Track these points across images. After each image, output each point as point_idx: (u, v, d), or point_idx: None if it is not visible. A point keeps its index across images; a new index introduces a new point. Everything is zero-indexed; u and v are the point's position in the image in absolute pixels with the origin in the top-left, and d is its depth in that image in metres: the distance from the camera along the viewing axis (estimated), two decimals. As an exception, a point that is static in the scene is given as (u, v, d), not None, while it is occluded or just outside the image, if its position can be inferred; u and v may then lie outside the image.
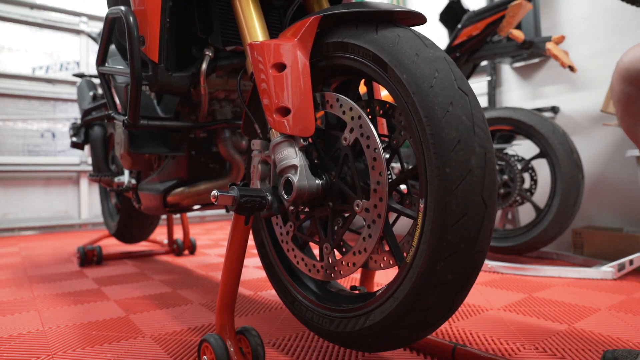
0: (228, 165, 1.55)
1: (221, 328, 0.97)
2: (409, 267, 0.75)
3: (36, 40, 4.23)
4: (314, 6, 1.10)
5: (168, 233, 2.68)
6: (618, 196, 2.42)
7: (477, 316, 1.37)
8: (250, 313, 1.43)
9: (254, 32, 1.00)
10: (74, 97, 4.25)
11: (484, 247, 0.73)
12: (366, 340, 0.84)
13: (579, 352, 1.07)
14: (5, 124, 4.05)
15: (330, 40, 0.89)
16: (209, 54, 1.21)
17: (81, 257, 2.30)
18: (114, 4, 1.41)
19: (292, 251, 1.01)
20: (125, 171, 1.95)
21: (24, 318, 1.41)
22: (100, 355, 1.09)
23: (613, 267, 1.87)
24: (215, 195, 0.84)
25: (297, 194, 0.86)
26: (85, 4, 4.43)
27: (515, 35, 2.15)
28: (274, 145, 0.91)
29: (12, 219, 4.00)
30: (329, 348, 1.11)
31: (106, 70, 1.40)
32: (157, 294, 1.70)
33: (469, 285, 0.75)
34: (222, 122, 1.40)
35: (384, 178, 0.78)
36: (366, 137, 0.81)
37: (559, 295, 1.62)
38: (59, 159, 4.24)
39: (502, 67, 3.02)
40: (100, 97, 2.20)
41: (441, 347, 1.04)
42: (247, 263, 2.31)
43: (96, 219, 4.29)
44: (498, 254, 2.41)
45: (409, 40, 0.78)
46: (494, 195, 0.72)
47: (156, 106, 1.45)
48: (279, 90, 0.87)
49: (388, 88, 0.79)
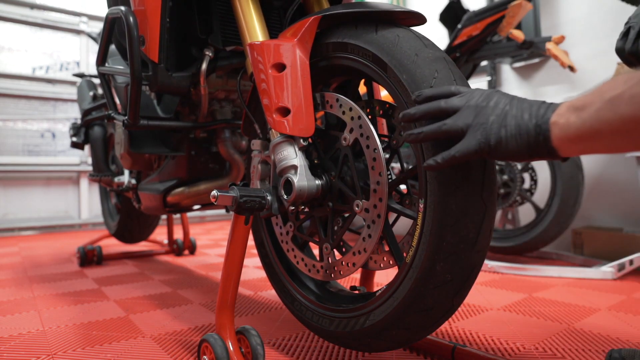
0: (228, 165, 1.55)
1: (221, 328, 0.97)
2: (409, 267, 0.75)
3: (36, 40, 4.23)
4: (314, 6, 1.10)
5: (168, 233, 2.68)
6: (618, 196, 2.42)
7: (477, 316, 1.37)
8: (250, 313, 1.43)
9: (253, 32, 1.00)
10: (74, 97, 4.25)
11: (483, 247, 0.73)
12: (366, 340, 0.84)
13: (579, 352, 1.07)
14: (5, 124, 4.06)
15: (330, 41, 0.89)
16: (208, 54, 1.21)
17: (81, 257, 2.30)
18: (114, 4, 1.41)
19: (292, 251, 1.01)
20: (125, 171, 1.95)
21: (24, 318, 1.41)
22: (100, 355, 1.09)
23: (613, 267, 1.87)
24: (215, 196, 0.84)
25: (296, 194, 0.86)
26: (85, 4, 4.43)
27: (515, 35, 2.15)
28: (273, 146, 0.91)
29: (12, 219, 4.00)
30: (329, 348, 1.11)
31: (106, 70, 1.40)
32: (157, 294, 1.70)
33: (468, 286, 0.75)
34: (222, 122, 1.40)
35: (384, 178, 0.78)
36: (366, 137, 0.81)
37: (559, 295, 1.62)
38: (59, 159, 4.24)
39: (502, 67, 3.02)
40: (100, 97, 2.20)
41: (441, 347, 1.04)
42: (247, 263, 2.31)
43: (96, 219, 4.29)
44: (498, 254, 2.41)
45: (408, 41, 0.78)
46: (493, 196, 0.72)
47: (156, 106, 1.45)
48: (279, 91, 0.87)
49: (388, 88, 0.79)
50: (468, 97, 0.66)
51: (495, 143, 0.62)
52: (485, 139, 0.62)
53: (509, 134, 0.61)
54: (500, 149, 0.62)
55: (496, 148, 0.62)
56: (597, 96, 0.54)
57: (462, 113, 0.65)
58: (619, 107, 0.51)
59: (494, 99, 0.65)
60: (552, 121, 0.58)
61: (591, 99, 0.55)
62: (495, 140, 0.62)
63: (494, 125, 0.62)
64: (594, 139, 0.54)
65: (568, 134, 0.56)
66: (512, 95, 0.66)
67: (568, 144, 0.57)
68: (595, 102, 0.54)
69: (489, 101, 0.65)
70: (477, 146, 0.63)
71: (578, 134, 0.55)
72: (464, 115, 0.65)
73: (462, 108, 0.66)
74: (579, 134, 0.55)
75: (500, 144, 0.61)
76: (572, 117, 0.56)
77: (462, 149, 0.64)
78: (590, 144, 0.55)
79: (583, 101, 0.56)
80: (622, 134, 0.52)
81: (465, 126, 0.64)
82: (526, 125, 0.60)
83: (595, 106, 0.54)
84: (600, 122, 0.53)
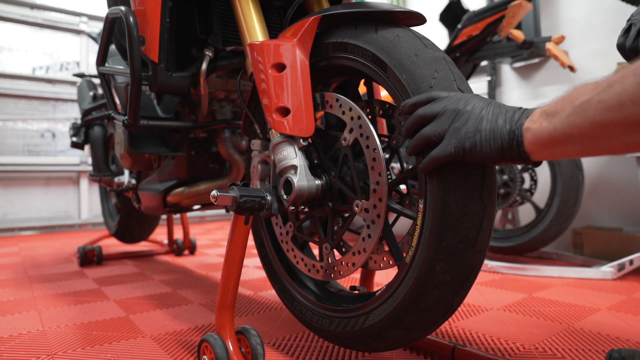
0: (228, 165, 1.55)
1: (221, 328, 0.97)
2: (409, 268, 0.75)
3: (36, 40, 4.23)
4: (314, 6, 1.10)
5: (168, 233, 2.68)
6: (618, 196, 2.42)
7: (477, 316, 1.37)
8: (250, 313, 1.43)
9: (253, 32, 1.00)
10: (74, 97, 4.25)
11: (483, 247, 0.73)
12: (366, 341, 0.84)
13: (579, 352, 1.07)
14: (5, 124, 4.06)
15: (330, 41, 0.89)
16: (208, 54, 1.21)
17: (81, 257, 2.30)
18: (114, 4, 1.41)
19: (292, 251, 1.01)
20: (125, 171, 1.95)
21: (24, 318, 1.41)
22: (100, 355, 1.09)
23: (613, 267, 1.87)
24: (215, 196, 0.84)
25: (296, 194, 0.86)
26: (85, 4, 4.43)
27: (515, 35, 2.15)
28: (273, 146, 0.91)
29: (12, 219, 4.00)
30: (329, 348, 1.11)
31: (106, 70, 1.40)
32: (157, 294, 1.70)
33: (468, 286, 0.75)
34: (222, 122, 1.40)
35: (384, 178, 0.78)
36: (366, 137, 0.81)
37: (559, 295, 1.62)
38: (59, 159, 4.24)
39: (502, 67, 3.02)
40: (100, 97, 2.20)
41: (441, 347, 1.04)
42: (247, 263, 2.31)
43: (96, 219, 4.29)
44: (498, 254, 2.41)
45: (408, 41, 0.78)
46: (493, 196, 0.72)
47: (156, 106, 1.45)
48: (279, 91, 0.87)
49: (388, 88, 0.79)
50: (446, 102, 0.69)
51: (469, 147, 0.64)
52: (460, 143, 0.65)
53: (484, 139, 0.63)
54: (474, 152, 0.64)
55: (471, 152, 0.64)
56: (567, 102, 0.56)
57: (440, 118, 0.68)
58: (588, 112, 0.52)
59: (471, 104, 0.67)
60: (525, 127, 0.60)
61: (562, 105, 0.57)
62: (469, 144, 0.64)
63: (469, 130, 0.65)
64: (565, 144, 0.56)
65: (540, 139, 0.58)
66: (489, 99, 0.68)
67: (540, 149, 0.59)
68: (566, 108, 0.56)
69: (466, 105, 0.67)
70: (453, 150, 0.66)
71: (550, 139, 0.57)
72: (442, 121, 0.68)
73: (440, 113, 0.68)
74: (550, 139, 0.57)
75: (474, 148, 0.64)
76: (545, 123, 0.58)
77: (439, 153, 0.67)
78: (561, 148, 0.57)
79: (555, 107, 0.58)
80: (592, 139, 0.53)
81: (442, 131, 0.67)
82: (500, 130, 0.62)
83: (566, 112, 0.55)
84: (570, 127, 0.55)
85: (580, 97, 0.54)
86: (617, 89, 0.50)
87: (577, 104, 0.54)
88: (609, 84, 0.51)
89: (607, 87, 0.51)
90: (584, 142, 0.54)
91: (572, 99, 0.55)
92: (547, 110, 0.59)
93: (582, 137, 0.54)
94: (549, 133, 0.57)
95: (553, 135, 0.57)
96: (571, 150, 0.56)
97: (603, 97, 0.51)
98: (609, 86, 0.51)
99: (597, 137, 0.53)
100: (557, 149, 0.57)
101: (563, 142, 0.56)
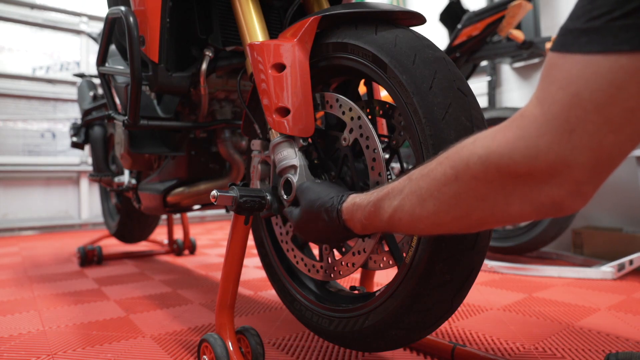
0: (228, 165, 1.55)
1: (221, 328, 0.97)
2: (408, 268, 0.75)
3: (36, 41, 4.23)
4: (314, 6, 1.10)
5: (168, 233, 2.68)
6: (618, 196, 2.42)
7: (477, 316, 1.37)
8: (250, 313, 1.43)
9: (253, 32, 1.00)
10: (74, 97, 4.26)
11: (482, 248, 0.73)
12: (365, 340, 0.84)
13: (579, 352, 1.07)
14: (6, 124, 4.06)
15: (330, 41, 0.89)
16: (208, 54, 1.21)
17: (81, 257, 2.30)
18: (114, 4, 1.41)
19: (292, 251, 1.01)
20: (125, 171, 1.95)
21: (24, 318, 1.41)
22: (100, 355, 1.09)
23: (613, 267, 1.87)
24: (215, 196, 0.84)
25: (296, 194, 0.86)
26: (85, 4, 4.43)
27: (515, 35, 2.15)
28: (273, 146, 0.91)
29: (12, 219, 4.00)
30: (329, 348, 1.11)
31: (106, 70, 1.40)
32: (157, 294, 1.70)
33: (468, 286, 0.75)
34: (222, 122, 1.40)
35: (384, 178, 0.78)
36: (365, 137, 0.81)
37: (558, 295, 1.62)
38: (59, 159, 4.24)
39: (502, 67, 3.03)
40: (101, 97, 2.20)
41: (441, 347, 1.04)
42: (247, 263, 2.31)
43: (96, 219, 4.29)
44: (498, 254, 2.41)
45: (408, 41, 0.78)
46: (493, 196, 0.72)
47: (156, 106, 1.45)
48: (279, 91, 0.87)
49: (387, 88, 0.79)
50: None
51: None
52: None
53: None
54: None
55: None
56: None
57: None
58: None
59: None
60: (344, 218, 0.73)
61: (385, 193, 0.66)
62: None
63: None
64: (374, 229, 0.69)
65: (355, 230, 0.72)
66: None
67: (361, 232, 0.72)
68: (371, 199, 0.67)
69: None
70: None
71: (362, 228, 0.70)
72: None
73: None
74: (362, 227, 0.70)
75: None
76: (358, 215, 0.69)
77: None
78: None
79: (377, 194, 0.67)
80: (386, 228, 0.65)
81: None
82: None
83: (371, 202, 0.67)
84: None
85: (386, 189, 0.66)
86: None
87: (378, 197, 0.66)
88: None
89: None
90: (385, 228, 0.66)
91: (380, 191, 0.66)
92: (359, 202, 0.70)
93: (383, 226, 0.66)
94: (361, 223, 0.70)
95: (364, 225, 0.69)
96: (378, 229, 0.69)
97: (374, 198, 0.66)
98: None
99: (391, 225, 0.65)
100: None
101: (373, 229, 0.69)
